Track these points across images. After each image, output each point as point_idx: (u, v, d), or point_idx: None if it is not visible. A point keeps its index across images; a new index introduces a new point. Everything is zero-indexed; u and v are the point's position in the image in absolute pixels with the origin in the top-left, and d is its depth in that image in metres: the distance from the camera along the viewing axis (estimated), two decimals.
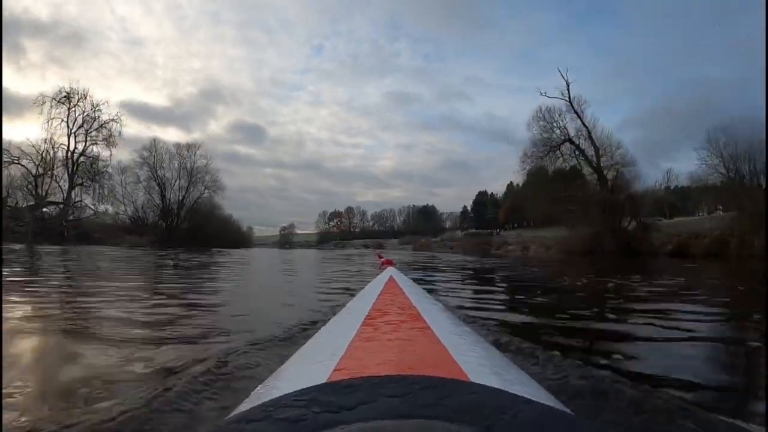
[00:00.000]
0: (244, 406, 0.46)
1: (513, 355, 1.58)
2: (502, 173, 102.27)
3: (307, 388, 0.37)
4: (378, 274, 2.91)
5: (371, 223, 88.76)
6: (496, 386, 0.39)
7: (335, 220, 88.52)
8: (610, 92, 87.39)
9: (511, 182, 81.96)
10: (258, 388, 0.59)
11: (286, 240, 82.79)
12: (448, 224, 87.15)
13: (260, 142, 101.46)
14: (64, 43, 72.59)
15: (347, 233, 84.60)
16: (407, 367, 0.53)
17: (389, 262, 4.17)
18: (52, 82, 70.49)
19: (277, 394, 0.39)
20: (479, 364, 0.57)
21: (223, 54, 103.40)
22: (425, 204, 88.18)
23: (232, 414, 0.40)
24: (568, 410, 0.42)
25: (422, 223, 77.89)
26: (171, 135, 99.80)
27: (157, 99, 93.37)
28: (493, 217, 78.41)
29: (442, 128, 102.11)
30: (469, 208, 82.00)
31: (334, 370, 0.51)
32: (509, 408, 0.32)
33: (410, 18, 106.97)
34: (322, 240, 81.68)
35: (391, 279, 1.97)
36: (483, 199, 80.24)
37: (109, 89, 74.76)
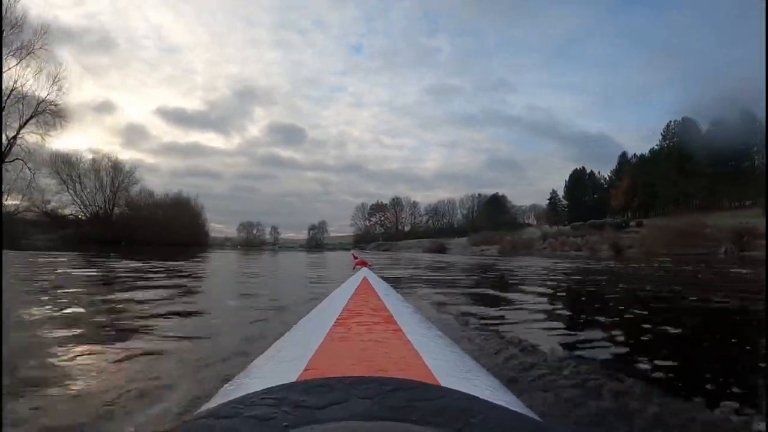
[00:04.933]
0: (212, 403, 0.46)
1: (483, 360, 1.54)
2: (552, 172, 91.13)
3: (277, 386, 0.37)
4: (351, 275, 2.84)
5: (424, 218, 69.50)
6: (465, 391, 0.39)
7: (378, 215, 70.20)
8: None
9: (624, 153, 59.83)
10: (226, 385, 0.57)
11: (316, 242, 66.46)
12: (523, 218, 66.30)
13: (300, 144, 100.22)
14: (98, 52, 76.73)
15: (393, 232, 66.04)
16: (378, 369, 0.53)
17: (363, 263, 4.26)
18: (88, 91, 73.84)
19: (246, 391, 0.39)
20: (450, 368, 0.57)
21: (259, 58, 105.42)
22: (495, 192, 67.25)
23: (200, 410, 0.39)
24: (536, 416, 0.43)
25: (492, 217, 57.34)
26: (210, 140, 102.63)
27: (193, 103, 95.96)
28: (595, 203, 56.99)
29: (486, 123, 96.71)
30: (560, 194, 59.93)
31: (305, 370, 0.51)
32: (478, 413, 0.32)
33: (446, 9, 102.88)
34: (361, 240, 63.91)
35: (364, 280, 1.95)
36: (581, 180, 57.85)
37: (143, 96, 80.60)
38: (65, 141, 67.90)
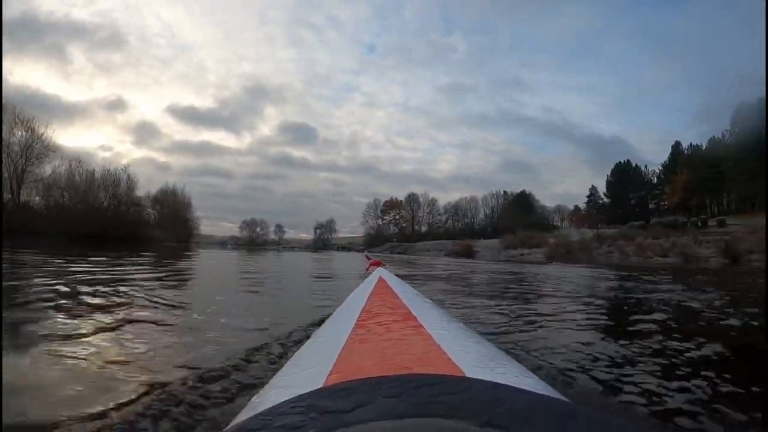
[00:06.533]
0: (241, 417, 0.46)
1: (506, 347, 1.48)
2: (566, 175, 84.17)
3: (304, 394, 0.37)
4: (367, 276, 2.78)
5: (444, 218, 62.86)
6: (491, 380, 0.39)
7: (392, 213, 63.75)
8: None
9: (677, 143, 51.96)
10: (254, 397, 0.58)
11: (323, 243, 60.59)
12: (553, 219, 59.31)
13: (312, 144, 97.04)
14: (109, 49, 77.57)
15: (409, 233, 59.59)
16: (402, 367, 0.53)
17: (378, 263, 4.07)
18: (99, 90, 76.08)
19: (273, 402, 0.39)
20: (474, 358, 0.58)
21: (271, 56, 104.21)
22: (522, 190, 60.45)
23: (230, 425, 0.39)
24: (564, 398, 0.42)
25: (520, 217, 50.55)
26: (221, 139, 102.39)
27: (205, 102, 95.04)
28: (641, 200, 49.73)
29: (499, 124, 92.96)
30: (600, 191, 52.73)
31: (330, 374, 0.51)
32: (506, 400, 0.32)
33: (460, 6, 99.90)
34: (372, 242, 57.60)
35: (380, 279, 1.94)
36: (625, 173, 50.56)
37: (154, 94, 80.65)
38: (75, 138, 67.18)
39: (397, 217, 63.05)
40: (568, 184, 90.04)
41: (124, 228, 22.80)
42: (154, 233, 28.83)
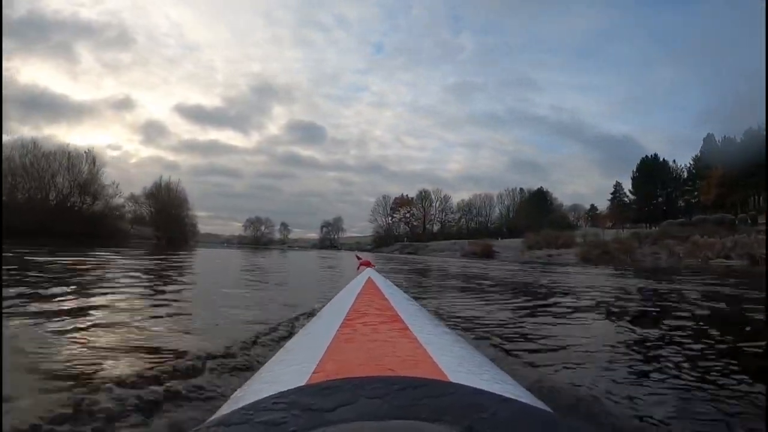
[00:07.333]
0: (224, 410, 0.46)
1: (492, 354, 1.50)
2: (576, 175, 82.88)
3: (287, 390, 0.37)
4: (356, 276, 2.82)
5: (457, 216, 59.90)
6: (475, 386, 0.39)
7: (402, 211, 60.92)
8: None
9: (710, 135, 48.11)
10: (237, 391, 0.58)
11: (329, 242, 58.19)
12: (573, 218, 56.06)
13: (320, 143, 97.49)
14: (117, 48, 78.70)
15: (420, 232, 56.76)
16: (387, 369, 0.53)
17: (368, 263, 4.08)
18: (108, 89, 77.29)
19: (256, 397, 0.39)
20: (458, 364, 0.58)
21: (279, 55, 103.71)
22: (539, 187, 57.30)
23: (212, 418, 0.39)
24: (547, 408, 0.42)
25: (536, 215, 47.50)
26: (229, 138, 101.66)
27: (212, 101, 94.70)
28: (669, 197, 46.28)
29: (509, 123, 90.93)
30: (626, 188, 49.26)
31: (314, 372, 0.51)
32: (489, 407, 0.32)
33: (468, 5, 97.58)
34: (381, 242, 55.00)
35: (369, 280, 1.95)
36: (652, 166, 47.01)
37: (162, 93, 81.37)
38: (83, 137, 66.66)
39: (407, 215, 60.25)
40: (577, 184, 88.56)
41: (84, 222, 20.46)
42: (123, 226, 26.40)
